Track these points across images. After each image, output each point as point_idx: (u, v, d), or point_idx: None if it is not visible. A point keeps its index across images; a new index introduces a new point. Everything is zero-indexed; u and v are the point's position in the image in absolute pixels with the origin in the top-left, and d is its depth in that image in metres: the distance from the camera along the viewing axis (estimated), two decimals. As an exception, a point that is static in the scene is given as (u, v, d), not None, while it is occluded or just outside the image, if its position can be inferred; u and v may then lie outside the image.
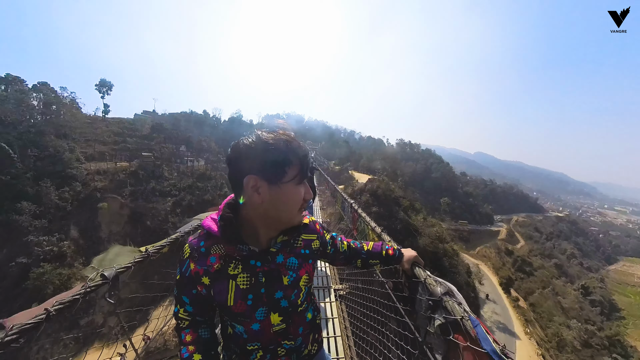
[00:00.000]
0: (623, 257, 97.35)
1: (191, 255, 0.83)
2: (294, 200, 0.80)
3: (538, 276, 54.62)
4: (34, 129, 32.74)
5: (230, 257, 0.83)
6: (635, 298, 62.06)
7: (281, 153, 0.76)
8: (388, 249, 1.29)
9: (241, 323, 0.87)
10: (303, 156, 0.78)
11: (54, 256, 23.57)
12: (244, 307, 0.83)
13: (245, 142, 0.78)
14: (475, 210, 75.18)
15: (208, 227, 0.83)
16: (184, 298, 0.87)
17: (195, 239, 0.86)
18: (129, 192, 30.58)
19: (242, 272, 0.83)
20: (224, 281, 0.82)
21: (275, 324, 0.89)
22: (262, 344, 0.90)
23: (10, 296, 21.49)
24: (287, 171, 0.76)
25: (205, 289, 0.83)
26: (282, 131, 0.80)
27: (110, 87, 51.30)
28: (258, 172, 0.75)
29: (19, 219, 23.63)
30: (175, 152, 43.86)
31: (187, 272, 0.83)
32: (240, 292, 0.82)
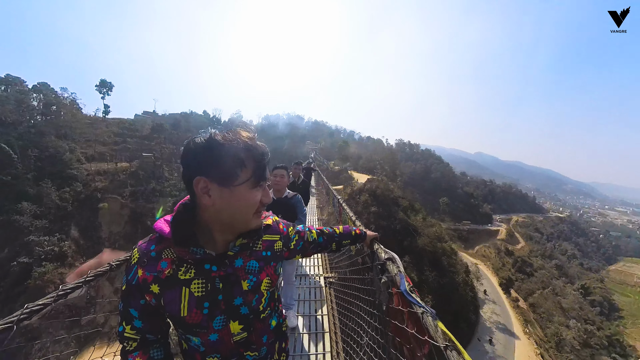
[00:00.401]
0: (623, 257, 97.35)
1: (139, 260, 0.74)
2: (247, 204, 0.74)
3: (538, 277, 54.63)
4: (34, 129, 32.89)
5: (182, 262, 0.75)
6: (635, 298, 62.06)
7: (233, 154, 0.70)
8: (355, 229, 1.42)
9: (197, 335, 0.78)
10: (259, 157, 0.73)
11: (55, 256, 23.74)
12: (199, 317, 0.75)
13: (197, 141, 0.71)
14: (475, 210, 75.23)
15: (160, 230, 0.75)
16: (131, 311, 0.76)
17: (145, 243, 0.78)
18: (129, 193, 30.74)
19: (196, 277, 0.75)
20: (175, 288, 0.73)
21: (236, 332, 0.81)
22: (222, 356, 0.82)
23: (12, 295, 21.63)
24: (240, 173, 0.71)
25: (154, 299, 0.73)
26: (241, 130, 0.75)
27: (110, 87, 51.47)
28: (208, 174, 0.69)
29: (20, 219, 23.78)
30: (175, 152, 44.00)
31: (134, 279, 0.73)
32: (195, 300, 0.74)
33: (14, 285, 21.96)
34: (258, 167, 0.73)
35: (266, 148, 0.78)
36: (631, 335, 44.85)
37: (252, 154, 0.72)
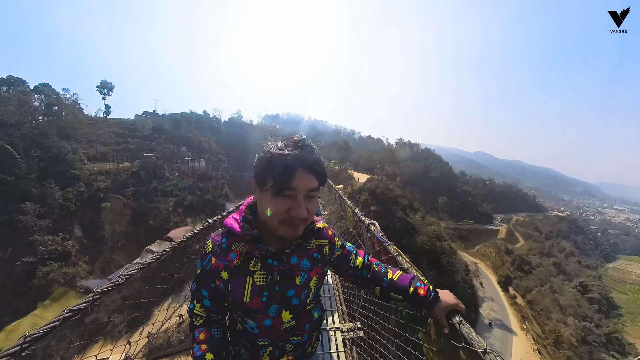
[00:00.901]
0: (621, 255, 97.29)
1: (213, 250, 0.89)
2: (270, 212, 0.79)
3: (536, 274, 54.93)
4: (37, 130, 33.10)
5: (249, 255, 0.88)
6: (634, 296, 62.13)
7: (263, 163, 0.80)
8: (419, 286, 1.04)
9: (254, 319, 0.91)
10: (284, 171, 0.76)
11: (59, 255, 23.99)
12: (258, 304, 0.88)
13: (262, 149, 0.87)
14: (475, 210, 75.49)
15: (231, 226, 0.89)
16: (203, 292, 0.91)
17: (218, 236, 0.92)
18: (131, 192, 30.99)
19: (260, 270, 0.88)
20: (241, 277, 0.87)
21: (286, 320, 0.93)
22: (272, 339, 0.94)
23: (17, 293, 21.88)
24: (267, 179, 0.78)
25: (223, 284, 0.87)
26: (286, 142, 0.82)
27: (111, 88, 51.60)
28: (255, 177, 0.84)
29: (24, 219, 23.99)
30: (176, 152, 44.24)
31: (207, 265, 0.88)
32: (257, 289, 0.87)
33: (18, 284, 22.21)
34: (281, 177, 0.76)
35: (301, 159, 0.78)
36: (630, 332, 45.06)
37: (278, 164, 0.76)
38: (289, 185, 0.76)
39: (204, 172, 44.04)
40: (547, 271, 58.27)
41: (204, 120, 70.84)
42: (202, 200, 37.16)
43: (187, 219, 32.58)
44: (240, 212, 0.92)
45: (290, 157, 0.76)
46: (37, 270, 22.51)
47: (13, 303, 21.49)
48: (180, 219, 31.71)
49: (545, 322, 39.08)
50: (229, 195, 44.08)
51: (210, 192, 39.91)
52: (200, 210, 36.01)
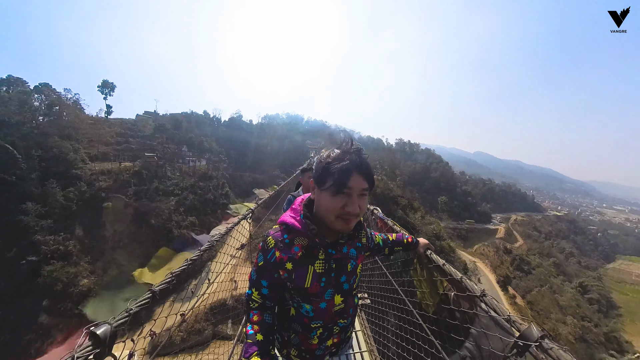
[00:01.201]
0: (621, 255, 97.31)
1: (277, 245, 1.02)
2: (328, 207, 0.93)
3: (536, 274, 55.09)
4: (38, 130, 33.15)
5: (311, 247, 1.01)
6: (633, 296, 62.29)
7: (324, 166, 0.94)
8: (407, 237, 1.58)
9: (311, 302, 1.04)
10: (342, 173, 0.90)
11: (61, 255, 24.13)
12: (317, 289, 1.02)
13: (321, 153, 1.02)
14: (474, 209, 75.74)
15: (292, 224, 1.02)
16: (262, 282, 1.05)
17: (278, 233, 1.05)
18: (133, 192, 31.08)
19: (320, 259, 1.02)
20: (304, 266, 1.01)
21: (337, 303, 1.08)
22: (324, 321, 1.08)
23: (21, 292, 22.05)
24: (327, 179, 0.92)
25: (287, 273, 1.01)
26: (343, 148, 0.96)
27: (112, 88, 51.67)
28: (314, 177, 0.99)
29: (25, 219, 24.08)
30: (177, 152, 44.34)
31: (272, 258, 1.01)
32: (317, 276, 1.01)
33: (23, 283, 22.38)
34: (339, 179, 0.90)
35: (357, 163, 0.92)
36: (629, 331, 45.25)
37: (337, 168, 0.91)
38: (346, 185, 0.89)
39: (204, 171, 44.14)
40: (547, 271, 58.45)
41: (204, 120, 70.93)
42: (203, 199, 37.30)
43: (188, 218, 32.71)
44: (295, 211, 1.05)
45: (348, 162, 0.90)
46: (41, 269, 22.64)
47: (18, 301, 21.71)
48: (182, 218, 31.82)
49: (545, 321, 39.26)
50: (229, 195, 44.19)
51: (211, 191, 40.03)
52: (202, 210, 36.16)
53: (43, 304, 22.01)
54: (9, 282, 22.22)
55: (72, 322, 21.68)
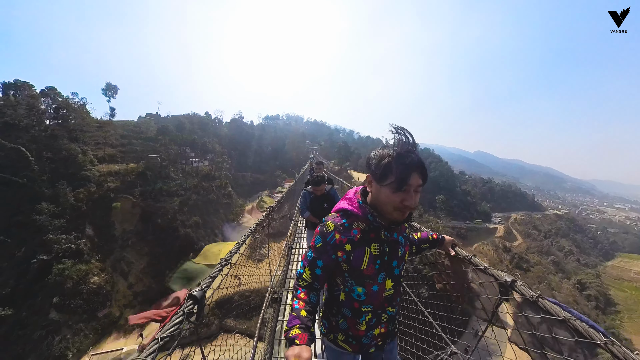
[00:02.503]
0: (621, 253, 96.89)
1: (336, 228, 1.07)
2: (387, 201, 1.00)
3: (535, 272, 55.60)
4: (46, 133, 34.02)
5: (368, 230, 1.08)
6: (632, 293, 62.27)
7: (385, 163, 0.99)
8: (432, 234, 1.59)
9: (364, 285, 1.08)
10: (404, 170, 0.96)
11: (72, 253, 24.92)
12: (372, 271, 1.07)
13: (375, 151, 1.06)
14: (473, 209, 76.20)
15: (351, 209, 1.09)
16: (318, 262, 1.08)
17: (336, 218, 1.11)
18: (139, 192, 31.89)
19: (375, 242, 1.08)
20: (362, 248, 1.06)
21: (388, 288, 1.11)
22: (374, 306, 1.11)
23: (32, 290, 22.80)
24: (387, 177, 0.98)
25: (345, 255, 1.06)
26: (401, 147, 1.01)
27: (115, 90, 52.38)
28: (372, 172, 1.04)
29: (39, 218, 24.89)
30: (180, 153, 45.11)
31: (332, 240, 1.06)
32: (373, 258, 1.06)
33: (34, 281, 23.13)
34: (400, 177, 0.96)
35: (416, 162, 0.98)
36: (627, 329, 45.47)
37: (398, 167, 0.97)
38: (406, 183, 0.97)
39: (207, 172, 44.97)
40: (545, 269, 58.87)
41: (206, 122, 71.72)
42: (207, 199, 38.15)
43: (192, 217, 33.55)
44: (350, 200, 1.14)
45: (409, 162, 0.97)
46: (52, 267, 23.42)
47: (29, 299, 22.44)
48: (187, 218, 32.69)
49: (542, 318, 39.82)
50: (232, 195, 45.02)
51: (214, 191, 40.89)
52: (204, 210, 36.99)
53: (53, 301, 22.65)
54: (19, 280, 22.92)
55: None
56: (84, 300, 23.30)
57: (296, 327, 0.96)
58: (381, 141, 1.01)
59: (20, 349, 20.16)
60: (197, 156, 48.64)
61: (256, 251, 22.50)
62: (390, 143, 1.04)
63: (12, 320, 20.88)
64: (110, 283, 25.05)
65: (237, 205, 45.49)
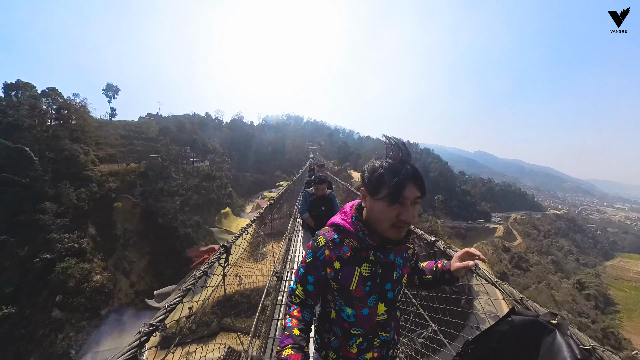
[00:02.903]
0: (620, 253, 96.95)
1: (327, 243, 1.03)
2: (382, 217, 0.93)
3: (534, 272, 55.86)
4: (48, 133, 34.34)
5: (359, 249, 1.01)
6: (631, 293, 62.36)
7: (378, 174, 0.93)
8: (438, 263, 1.25)
9: (354, 307, 1.02)
10: (398, 183, 0.89)
11: (75, 252, 25.24)
12: (362, 293, 1.00)
13: (369, 163, 1.00)
14: (473, 208, 76.45)
15: (343, 225, 1.04)
16: (309, 278, 1.05)
17: (328, 233, 1.06)
18: (140, 192, 32.25)
19: (366, 262, 1.01)
20: (352, 267, 1.00)
21: (380, 313, 1.04)
22: (365, 330, 1.04)
23: (35, 289, 23.10)
24: (381, 190, 0.92)
25: (334, 272, 1.01)
26: (395, 158, 0.94)
27: (116, 91, 52.89)
28: (366, 186, 0.98)
29: (43, 217, 25.20)
30: (181, 153, 45.44)
31: (322, 256, 1.02)
32: (362, 279, 1.00)
33: (37, 280, 23.41)
34: (394, 189, 0.89)
35: (411, 173, 0.91)
36: (626, 328, 45.49)
37: (392, 178, 0.90)
38: (401, 195, 0.89)
39: (208, 172, 45.28)
40: (544, 269, 59.12)
41: (206, 122, 72.14)
42: (207, 199, 38.46)
43: (193, 217, 33.88)
44: (345, 214, 1.08)
45: (403, 172, 0.90)
46: (55, 266, 23.71)
47: (32, 298, 22.70)
48: (187, 218, 33.01)
49: (541, 317, 39.90)
50: (232, 195, 45.35)
51: (214, 191, 41.21)
52: (206, 210, 37.31)
53: (56, 300, 22.96)
54: (23, 279, 23.21)
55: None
56: (87, 299, 23.60)
57: (289, 347, 0.92)
58: (381, 141, 1.01)
59: (23, 347, 20.44)
60: (198, 156, 48.97)
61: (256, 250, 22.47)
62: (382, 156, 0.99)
63: (15, 318, 21.16)
64: (112, 281, 25.37)
65: (237, 205, 45.83)
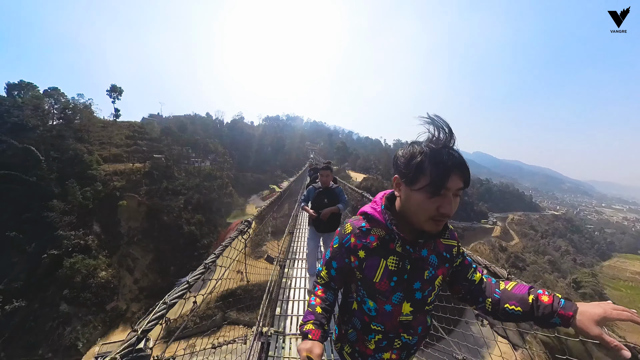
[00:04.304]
0: (617, 253, 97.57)
1: (353, 231, 0.97)
2: (420, 208, 0.81)
3: (530, 271, 56.56)
4: (52, 133, 35.08)
5: (387, 240, 0.92)
6: (627, 292, 63.09)
7: (418, 161, 0.80)
8: (540, 293, 0.84)
9: (377, 301, 0.94)
10: (442, 171, 0.77)
11: (81, 249, 26.01)
12: (386, 287, 0.91)
13: (404, 148, 0.88)
14: (470, 209, 77.30)
15: (372, 214, 0.97)
16: (333, 263, 1.03)
17: (357, 221, 1.00)
18: (145, 191, 33.02)
19: (394, 255, 0.91)
20: (377, 258, 0.92)
21: (405, 312, 0.93)
22: (386, 327, 0.96)
23: (43, 284, 23.86)
24: (420, 179, 0.80)
25: (358, 261, 0.94)
26: (436, 143, 0.82)
27: (120, 92, 53.52)
28: (400, 173, 0.86)
29: (51, 215, 25.96)
30: (183, 153, 46.22)
31: (347, 243, 0.97)
32: (388, 272, 0.91)
33: (45, 276, 24.13)
34: (437, 179, 0.77)
35: (457, 162, 0.79)
36: (621, 326, 46.36)
37: (434, 166, 0.78)
38: (444, 186, 0.78)
39: (209, 172, 46.06)
40: (541, 268, 59.80)
41: (207, 122, 72.96)
42: (209, 198, 39.24)
43: (196, 216, 34.65)
44: (376, 203, 1.00)
45: (447, 159, 0.78)
46: (62, 262, 24.45)
47: (39, 292, 23.44)
48: (191, 216, 33.78)
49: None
50: (233, 194, 46.13)
51: (215, 191, 42.00)
52: (207, 209, 38.09)
53: (64, 294, 23.70)
54: (31, 274, 23.98)
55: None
56: (93, 294, 24.33)
57: (310, 322, 0.95)
58: (380, 142, 0.93)
59: (32, 339, 21.17)
60: (199, 156, 49.75)
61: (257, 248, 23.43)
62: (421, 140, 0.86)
63: (25, 311, 21.93)
64: (117, 278, 26.08)
65: (238, 204, 46.60)
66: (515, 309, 0.85)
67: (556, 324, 0.78)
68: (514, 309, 0.85)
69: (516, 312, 0.85)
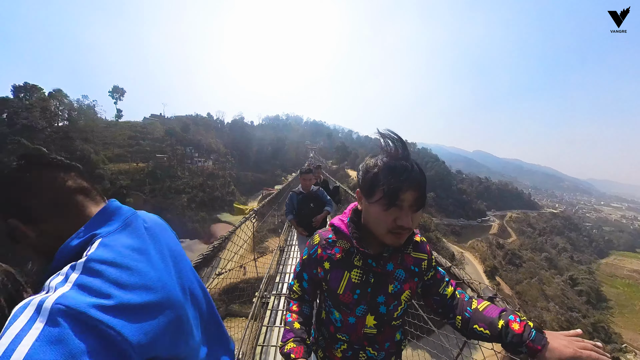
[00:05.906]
0: (615, 251, 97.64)
1: (320, 242, 0.98)
2: (378, 221, 0.82)
3: (526, 268, 57.14)
4: (58, 134, 36.01)
5: (351, 253, 0.93)
6: (624, 289, 63.48)
7: (372, 175, 0.82)
8: (512, 319, 0.79)
9: (341, 312, 0.96)
10: (394, 183, 0.77)
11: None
12: (349, 299, 0.92)
13: (365, 160, 0.90)
14: (469, 207, 78.08)
15: (338, 226, 0.96)
16: (304, 275, 1.04)
17: (326, 232, 1.01)
18: (149, 190, 33.94)
19: (358, 268, 0.92)
20: (340, 270, 0.93)
21: (369, 325, 0.94)
22: (351, 338, 0.97)
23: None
24: (375, 192, 0.80)
25: (323, 272, 0.96)
26: (390, 156, 0.82)
27: (122, 93, 54.33)
28: (361, 187, 0.88)
29: None
30: (185, 153, 47.07)
31: (314, 254, 0.99)
32: (351, 285, 0.91)
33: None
34: (389, 191, 0.77)
35: (410, 176, 0.78)
36: (618, 323, 46.67)
37: (387, 179, 0.78)
38: (397, 197, 0.77)
39: (211, 171, 46.93)
40: (537, 265, 60.32)
41: (209, 123, 73.73)
42: (212, 197, 40.15)
43: (200, 213, 35.61)
44: (345, 215, 1.00)
45: (400, 171, 0.78)
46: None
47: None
48: (194, 213, 34.72)
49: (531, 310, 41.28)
50: (235, 193, 47.04)
51: (218, 189, 42.92)
52: (211, 207, 38.99)
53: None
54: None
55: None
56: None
57: (290, 340, 0.93)
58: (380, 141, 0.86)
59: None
60: (202, 156, 50.59)
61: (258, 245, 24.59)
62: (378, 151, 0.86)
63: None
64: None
65: (239, 202, 47.50)
66: (483, 331, 0.84)
67: (523, 352, 0.77)
68: (482, 332, 0.84)
69: (484, 334, 0.83)
